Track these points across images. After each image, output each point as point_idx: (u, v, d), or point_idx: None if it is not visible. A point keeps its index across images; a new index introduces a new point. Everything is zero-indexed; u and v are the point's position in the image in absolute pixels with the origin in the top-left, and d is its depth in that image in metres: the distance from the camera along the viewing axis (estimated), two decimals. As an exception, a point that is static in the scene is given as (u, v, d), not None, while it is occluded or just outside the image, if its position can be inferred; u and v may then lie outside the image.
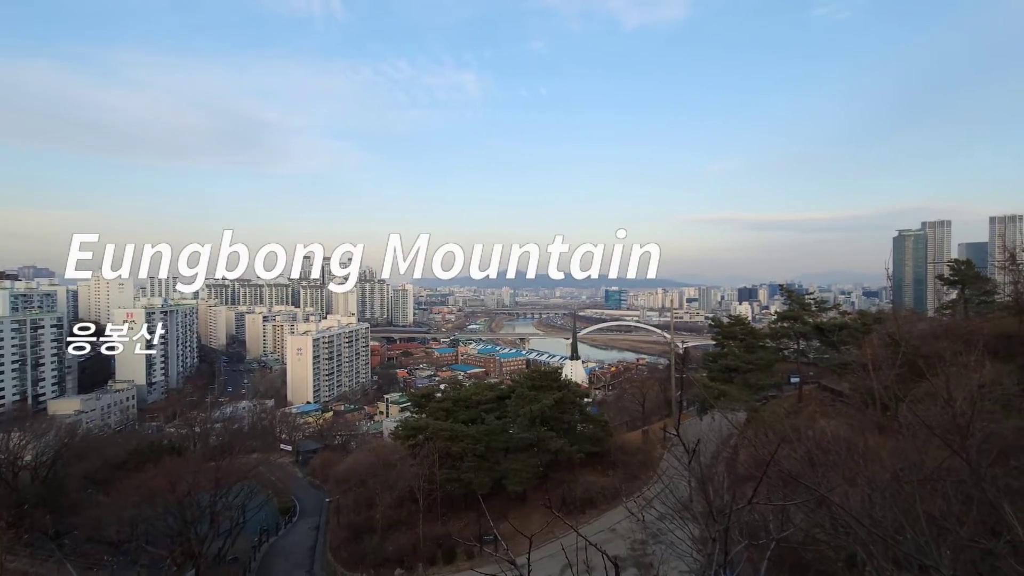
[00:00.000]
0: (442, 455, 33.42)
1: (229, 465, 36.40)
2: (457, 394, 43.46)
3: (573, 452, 35.00)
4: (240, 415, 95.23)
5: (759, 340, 45.63)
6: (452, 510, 34.84)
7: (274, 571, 33.93)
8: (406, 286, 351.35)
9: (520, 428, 35.16)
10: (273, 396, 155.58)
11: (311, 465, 59.33)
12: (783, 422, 20.98)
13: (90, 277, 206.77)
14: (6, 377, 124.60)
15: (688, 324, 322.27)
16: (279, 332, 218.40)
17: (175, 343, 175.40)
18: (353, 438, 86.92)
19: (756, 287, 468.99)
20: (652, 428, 45.85)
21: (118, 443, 58.39)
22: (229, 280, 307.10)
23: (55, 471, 41.49)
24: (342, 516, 38.25)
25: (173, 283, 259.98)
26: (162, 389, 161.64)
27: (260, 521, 39.77)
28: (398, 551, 31.11)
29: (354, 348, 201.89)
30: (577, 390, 44.58)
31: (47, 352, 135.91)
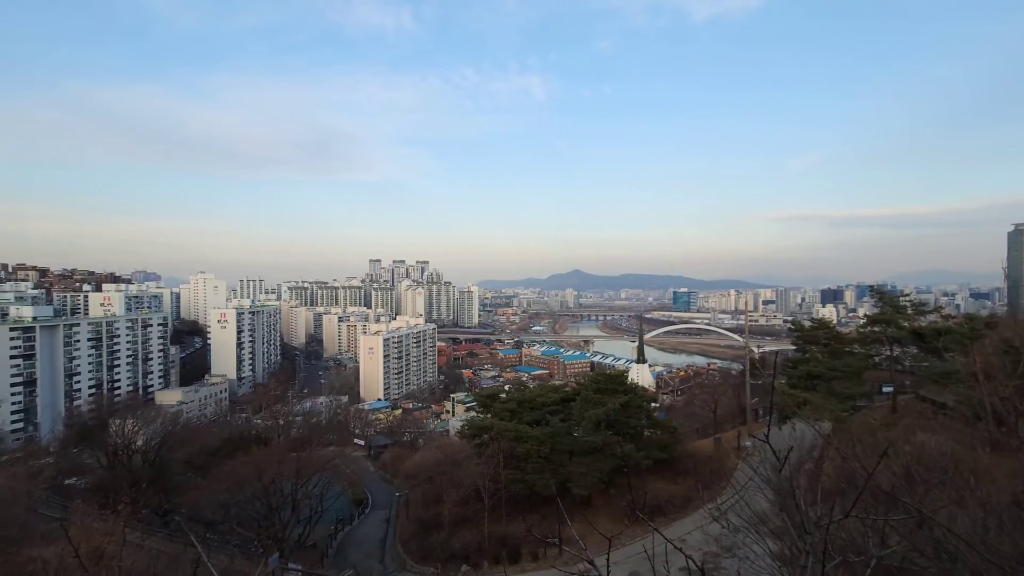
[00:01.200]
0: (507, 455, 33.63)
1: (309, 456, 38.66)
2: (522, 395, 43.64)
3: (640, 458, 34.03)
4: (318, 410, 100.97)
5: (845, 345, 42.27)
6: (516, 510, 34.96)
7: (349, 559, 35.58)
8: (471, 287, 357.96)
9: (585, 431, 34.69)
10: (347, 392, 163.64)
11: (382, 460, 61.80)
12: (876, 434, 19.21)
13: (191, 280, 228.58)
14: (122, 370, 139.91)
15: (764, 328, 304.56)
16: (352, 332, 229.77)
17: (261, 341, 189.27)
18: (421, 435, 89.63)
19: (841, 288, 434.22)
20: (725, 436, 43.68)
21: (213, 432, 63.74)
22: (308, 282, 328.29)
23: (161, 455, 45.99)
24: (411, 510, 39.52)
25: (260, 285, 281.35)
26: (250, 383, 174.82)
27: (336, 511, 41.89)
28: (464, 548, 31.65)
29: (421, 348, 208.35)
30: (644, 394, 43.36)
31: (155, 348, 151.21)
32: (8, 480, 25.17)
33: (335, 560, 35.55)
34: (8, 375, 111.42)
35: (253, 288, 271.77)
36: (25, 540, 10.49)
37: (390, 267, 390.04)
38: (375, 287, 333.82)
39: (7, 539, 8.99)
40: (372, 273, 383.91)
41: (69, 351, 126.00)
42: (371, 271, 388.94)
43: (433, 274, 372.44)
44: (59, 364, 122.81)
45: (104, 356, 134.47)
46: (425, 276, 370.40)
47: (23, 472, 38.61)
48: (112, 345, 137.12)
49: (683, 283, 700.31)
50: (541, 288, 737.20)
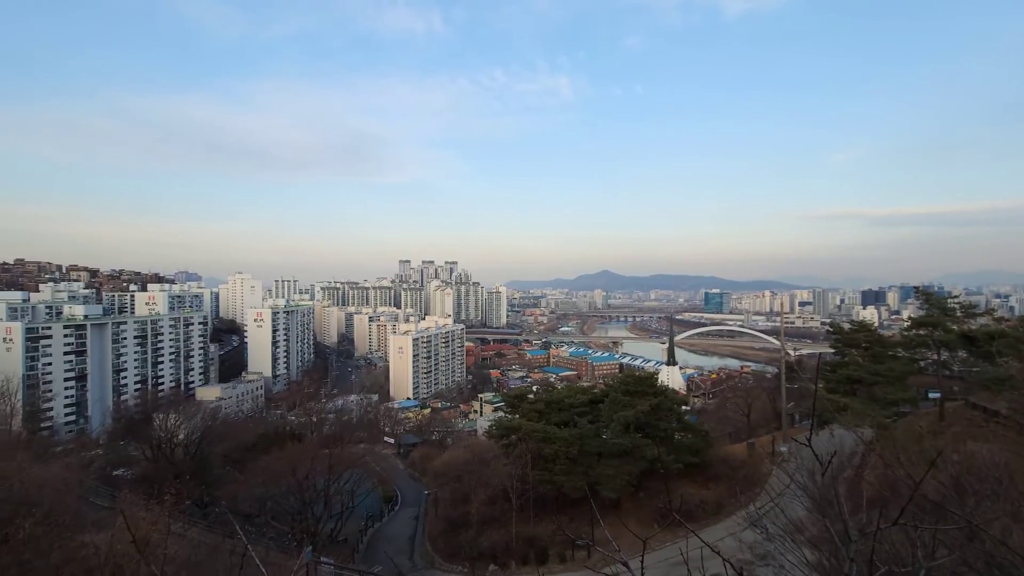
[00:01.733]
0: (535, 456, 33.59)
1: (341, 453, 39.49)
2: (549, 396, 43.52)
3: (670, 462, 33.47)
4: (349, 407, 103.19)
5: (888, 349, 40.57)
6: (544, 511, 34.87)
7: (379, 555, 36.15)
8: (500, 288, 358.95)
9: (614, 434, 34.34)
10: (377, 391, 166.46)
11: (411, 458, 62.60)
12: (922, 442, 18.36)
13: (229, 280, 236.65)
14: (165, 366, 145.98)
15: (801, 330, 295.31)
16: (383, 331, 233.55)
17: (295, 340, 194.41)
18: (449, 434, 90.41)
19: (883, 289, 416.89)
20: (759, 441, 42.50)
21: (249, 428, 65.83)
22: (340, 283, 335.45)
23: (201, 449, 47.72)
24: (439, 508, 39.88)
25: (294, 286, 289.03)
26: (285, 381, 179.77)
27: (367, 507, 42.62)
28: (492, 547, 31.74)
29: (450, 348, 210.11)
30: (674, 397, 42.66)
31: (195, 345, 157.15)
32: (62, 470, 26.60)
33: (365, 556, 36.17)
34: (62, 370, 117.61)
35: (287, 288, 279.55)
36: (78, 527, 11.09)
37: (419, 268, 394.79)
38: (404, 287, 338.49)
39: (62, 525, 9.54)
40: (402, 274, 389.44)
41: (117, 348, 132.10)
42: (401, 272, 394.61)
43: (461, 275, 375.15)
44: (108, 360, 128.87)
45: (149, 353, 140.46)
46: (454, 277, 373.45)
47: (76, 462, 40.74)
48: (156, 342, 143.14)
49: (715, 284, 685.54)
50: (569, 288, 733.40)
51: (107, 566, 7.36)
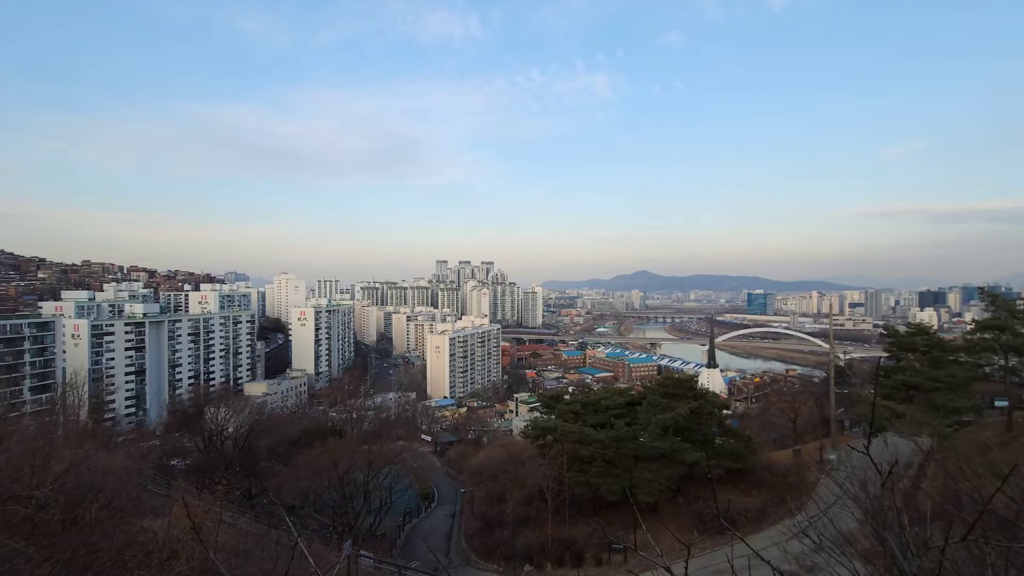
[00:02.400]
0: (570, 457, 33.37)
1: (380, 449, 40.35)
2: (586, 397, 43.12)
3: (711, 467, 32.58)
4: (388, 405, 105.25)
5: (949, 354, 38.21)
6: (580, 513, 34.58)
7: (416, 551, 36.73)
8: (535, 288, 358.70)
9: (652, 437, 33.69)
10: (415, 389, 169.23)
11: (448, 456, 63.35)
12: (988, 453, 17.17)
13: (275, 280, 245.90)
14: (216, 362, 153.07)
15: (851, 332, 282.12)
16: (420, 331, 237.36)
17: (336, 338, 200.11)
18: (485, 433, 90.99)
19: (943, 290, 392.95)
20: (806, 448, 40.82)
21: (293, 423, 68.10)
22: (379, 283, 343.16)
23: (249, 442, 49.74)
24: (475, 507, 40.17)
25: (335, 285, 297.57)
26: (327, 378, 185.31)
27: (404, 503, 43.41)
28: (527, 547, 31.73)
29: (486, 348, 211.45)
30: (715, 400, 41.50)
31: (243, 343, 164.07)
32: (124, 459, 28.29)
33: (403, 550, 36.82)
34: (123, 365, 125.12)
35: (329, 288, 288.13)
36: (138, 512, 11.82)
37: (456, 268, 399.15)
38: (442, 287, 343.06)
39: (124, 510, 10.18)
40: (439, 274, 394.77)
41: (172, 344, 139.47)
42: (438, 272, 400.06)
43: (498, 275, 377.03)
44: (164, 356, 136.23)
45: (201, 349, 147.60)
46: (490, 277, 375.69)
47: (135, 452, 43.28)
48: (208, 339, 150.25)
49: (758, 284, 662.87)
50: (606, 289, 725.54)
51: (164, 550, 7.79)
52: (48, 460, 10.15)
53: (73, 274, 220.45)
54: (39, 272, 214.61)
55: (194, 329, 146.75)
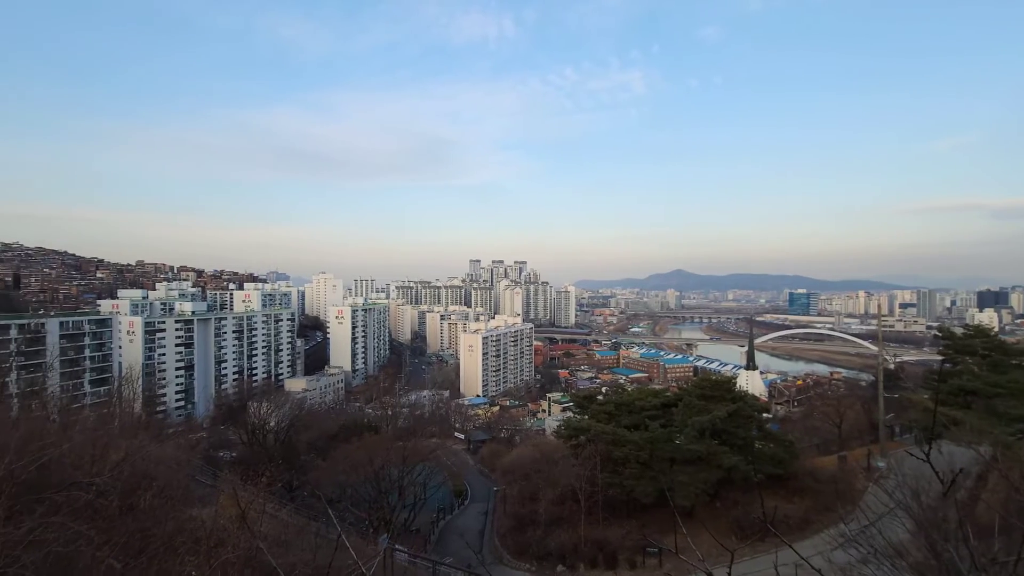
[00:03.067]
0: (604, 458, 33.05)
1: (414, 446, 41.04)
2: (620, 398, 42.62)
3: (749, 471, 31.63)
4: (422, 402, 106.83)
5: (1012, 357, 35.90)
6: (613, 515, 34.21)
7: (450, 547, 37.13)
8: (568, 287, 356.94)
9: (688, 439, 33.00)
10: (448, 387, 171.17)
11: (480, 454, 63.78)
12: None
13: (313, 280, 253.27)
14: (258, 359, 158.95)
15: (902, 334, 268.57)
16: (453, 330, 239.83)
17: (372, 336, 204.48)
18: (518, 432, 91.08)
19: (1005, 290, 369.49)
20: (852, 454, 39.13)
21: (331, 418, 70.05)
22: (413, 282, 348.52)
23: (289, 436, 51.44)
24: (508, 505, 40.28)
25: (371, 285, 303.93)
26: (363, 375, 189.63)
27: (438, 500, 43.94)
28: (559, 547, 31.60)
29: (519, 347, 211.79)
30: (755, 403, 40.33)
31: (284, 340, 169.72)
32: (174, 450, 29.74)
33: (437, 546, 37.29)
34: (174, 361, 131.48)
35: (365, 287, 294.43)
36: (187, 501, 12.44)
37: (489, 267, 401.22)
38: (475, 287, 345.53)
39: (174, 499, 10.73)
40: (472, 273, 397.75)
41: (218, 341, 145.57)
42: (471, 271, 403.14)
43: (530, 274, 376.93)
44: (211, 352, 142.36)
45: (244, 346, 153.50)
46: (523, 276, 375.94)
47: (184, 443, 45.42)
48: (251, 337, 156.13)
49: (800, 283, 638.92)
50: (640, 288, 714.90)
51: (212, 538, 8.16)
52: (106, 449, 10.76)
53: (128, 274, 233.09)
54: (98, 272, 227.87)
55: (238, 327, 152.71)
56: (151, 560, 6.82)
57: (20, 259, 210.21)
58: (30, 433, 9.31)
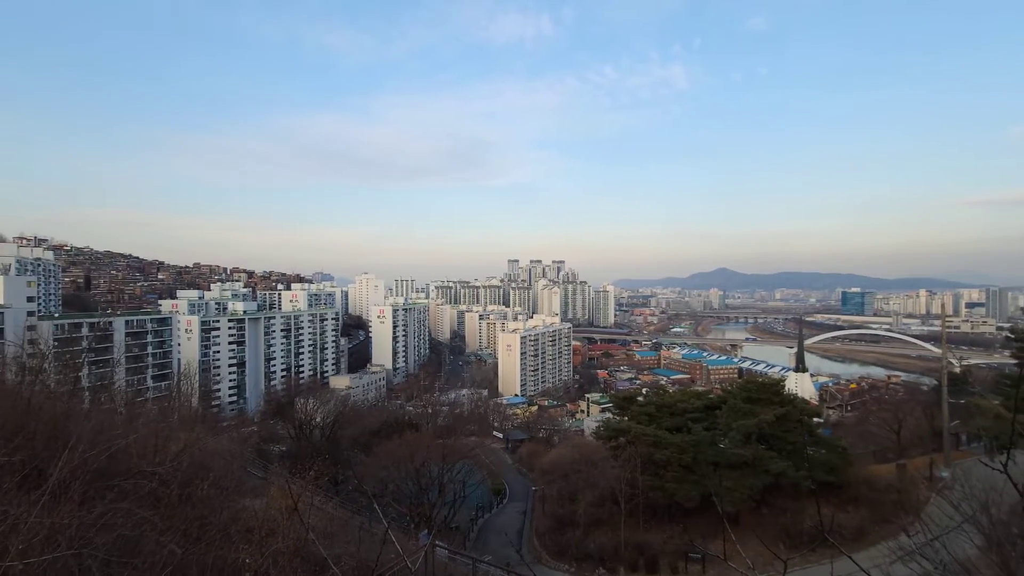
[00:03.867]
0: (644, 461, 32.47)
1: (453, 444, 41.56)
2: (661, 399, 41.80)
3: (799, 478, 30.38)
4: (461, 401, 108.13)
5: (1095, 361, 32.93)
6: (654, 518, 33.57)
7: (488, 545, 37.38)
8: (607, 287, 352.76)
9: (733, 443, 32.02)
10: (487, 386, 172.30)
11: (519, 453, 63.83)
12: None
13: (356, 280, 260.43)
14: (305, 356, 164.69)
15: (969, 336, 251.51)
16: (492, 329, 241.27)
17: (413, 335, 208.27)
18: (556, 432, 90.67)
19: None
20: (912, 463, 36.92)
21: (374, 415, 71.73)
22: (452, 282, 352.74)
23: (334, 432, 53.04)
24: (546, 505, 40.16)
25: (411, 285, 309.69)
26: (404, 373, 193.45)
27: (477, 498, 44.25)
28: (599, 550, 31.28)
29: (557, 347, 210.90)
30: (805, 407, 38.68)
31: (329, 339, 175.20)
32: (228, 443, 31.20)
33: (476, 544, 37.58)
34: (227, 358, 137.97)
35: (406, 287, 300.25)
36: (240, 492, 13.07)
37: (527, 267, 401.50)
38: (513, 286, 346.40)
39: (228, 490, 11.29)
40: (510, 273, 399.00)
41: (267, 339, 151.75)
42: (509, 271, 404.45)
43: (568, 273, 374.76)
44: (261, 350, 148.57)
45: (292, 344, 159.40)
46: (561, 276, 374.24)
47: (237, 437, 47.58)
48: (298, 335, 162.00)
49: (854, 282, 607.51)
50: (682, 287, 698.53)
51: (263, 528, 8.52)
52: (167, 441, 11.41)
53: (186, 275, 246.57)
54: (159, 274, 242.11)
55: (286, 325, 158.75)
56: (208, 547, 7.19)
57: (90, 262, 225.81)
58: (100, 424, 10.00)
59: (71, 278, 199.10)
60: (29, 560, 4.10)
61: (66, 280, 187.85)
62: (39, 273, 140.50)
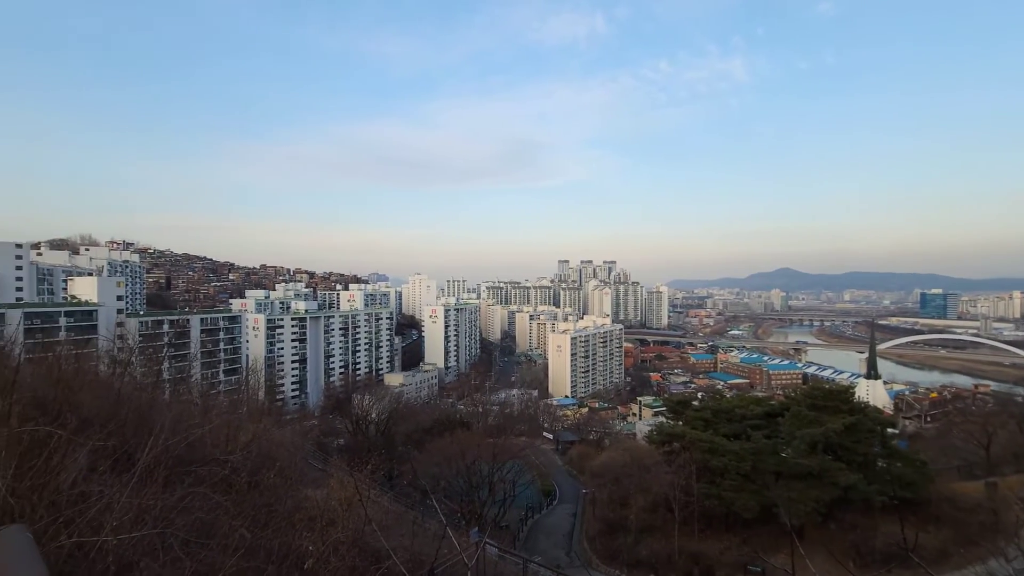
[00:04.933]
0: (700, 467, 31.42)
1: (504, 443, 41.85)
2: (717, 404, 40.31)
3: (871, 492, 28.42)
4: (511, 401, 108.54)
5: None
6: (710, 527, 32.41)
7: (538, 545, 37.34)
8: (660, 287, 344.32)
9: (796, 452, 30.41)
10: (536, 387, 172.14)
11: (569, 455, 63.37)
12: None
13: (410, 281, 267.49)
14: (361, 354, 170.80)
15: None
16: (542, 330, 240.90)
17: (464, 335, 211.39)
18: (607, 435, 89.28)
19: None
20: (1004, 481, 33.67)
21: (426, 413, 73.40)
22: (502, 282, 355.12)
23: (389, 428, 54.73)
24: (597, 509, 39.66)
25: (463, 285, 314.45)
26: (455, 372, 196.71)
27: (527, 498, 44.33)
28: (651, 556, 30.55)
29: (608, 348, 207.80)
30: (877, 417, 36.19)
31: (384, 337, 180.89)
32: (291, 435, 32.88)
33: (526, 543, 37.63)
34: (290, 354, 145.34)
35: (457, 288, 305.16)
36: (302, 482, 13.76)
37: (578, 267, 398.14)
38: (563, 287, 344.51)
39: (291, 479, 11.90)
40: (560, 273, 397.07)
41: (327, 337, 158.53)
42: (560, 271, 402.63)
43: (620, 274, 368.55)
44: (320, 347, 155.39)
45: (349, 342, 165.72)
46: (612, 276, 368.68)
47: (299, 429, 50.06)
48: (355, 334, 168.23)
49: (935, 283, 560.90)
50: (740, 288, 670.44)
51: (324, 517, 8.93)
52: (237, 431, 12.15)
53: (254, 276, 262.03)
54: (230, 274, 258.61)
55: (344, 324, 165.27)
56: (274, 532, 7.60)
57: (171, 264, 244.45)
58: (180, 414, 10.80)
59: (154, 279, 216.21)
60: (121, 536, 4.48)
61: (149, 280, 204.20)
62: (127, 274, 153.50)
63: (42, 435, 5.18)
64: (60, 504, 4.80)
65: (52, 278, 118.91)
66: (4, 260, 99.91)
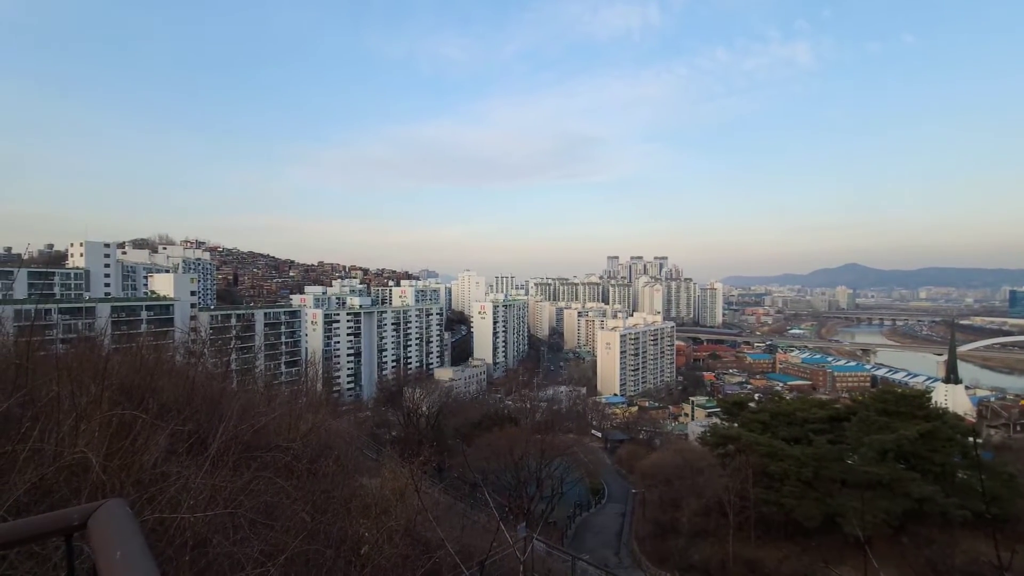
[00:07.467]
0: (757, 472, 30.18)
1: (552, 440, 41.74)
2: (776, 407, 38.53)
3: (949, 505, 26.36)
4: (559, 398, 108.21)
5: None
6: (767, 535, 31.10)
7: (586, 544, 37.12)
8: (715, 284, 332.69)
9: (864, 460, 28.64)
10: (585, 384, 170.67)
11: (618, 454, 62.54)
12: None
13: (459, 277, 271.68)
14: (412, 349, 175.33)
15: None
16: (590, 327, 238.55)
17: (512, 331, 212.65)
18: (658, 435, 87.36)
19: None
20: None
21: (475, 407, 74.41)
22: (551, 279, 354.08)
23: (439, 421, 55.85)
24: (647, 510, 38.95)
25: (511, 282, 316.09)
26: (503, 368, 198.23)
27: (575, 496, 44.12)
28: (704, 562, 29.70)
29: (659, 346, 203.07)
30: (957, 424, 33.49)
31: (434, 333, 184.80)
32: (347, 425, 34.23)
33: (574, 541, 37.51)
34: (345, 348, 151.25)
35: (505, 284, 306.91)
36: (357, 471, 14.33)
37: (627, 264, 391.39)
38: (612, 283, 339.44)
39: (348, 468, 12.41)
40: (609, 270, 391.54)
41: (380, 332, 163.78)
42: (609, 268, 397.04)
43: (672, 270, 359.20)
44: (374, 341, 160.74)
45: (401, 337, 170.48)
46: (663, 273, 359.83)
47: (354, 420, 51.97)
48: (406, 329, 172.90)
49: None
50: (801, 285, 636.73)
51: (378, 505, 9.26)
52: (298, 421, 12.77)
53: (312, 272, 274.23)
54: (290, 271, 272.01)
55: (396, 319, 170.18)
56: (333, 518, 7.95)
57: (237, 261, 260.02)
58: (246, 403, 11.48)
59: (223, 275, 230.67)
60: (196, 514, 4.82)
61: (219, 277, 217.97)
62: (199, 271, 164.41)
63: (128, 419, 5.66)
64: (144, 482, 5.24)
65: (135, 275, 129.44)
66: (94, 258, 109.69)
